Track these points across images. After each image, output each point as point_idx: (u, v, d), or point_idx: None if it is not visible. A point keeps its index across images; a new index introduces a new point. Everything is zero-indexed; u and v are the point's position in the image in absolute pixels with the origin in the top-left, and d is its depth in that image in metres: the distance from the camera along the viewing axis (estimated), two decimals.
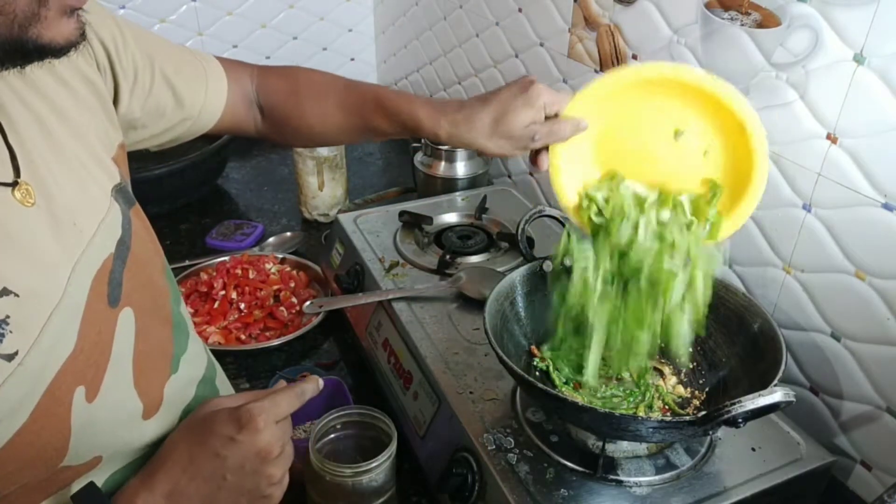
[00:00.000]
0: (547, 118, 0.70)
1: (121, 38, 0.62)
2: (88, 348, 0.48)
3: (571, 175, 0.74)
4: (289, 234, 1.44)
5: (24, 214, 0.46)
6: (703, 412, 0.63)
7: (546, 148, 0.72)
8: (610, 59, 1.06)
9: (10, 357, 0.42)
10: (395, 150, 1.86)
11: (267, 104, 0.78)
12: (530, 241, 1.04)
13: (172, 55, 0.70)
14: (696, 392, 0.81)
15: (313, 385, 0.58)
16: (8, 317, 0.42)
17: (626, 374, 0.80)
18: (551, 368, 0.80)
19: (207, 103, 0.73)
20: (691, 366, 0.83)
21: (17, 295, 0.43)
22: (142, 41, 0.66)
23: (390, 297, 0.99)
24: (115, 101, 0.64)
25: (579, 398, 0.76)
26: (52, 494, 0.49)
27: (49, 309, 0.45)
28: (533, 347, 0.83)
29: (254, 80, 0.79)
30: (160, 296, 0.61)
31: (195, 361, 0.65)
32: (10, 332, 0.42)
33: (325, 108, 0.77)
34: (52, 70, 0.54)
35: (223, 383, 0.69)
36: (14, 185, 0.46)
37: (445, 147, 1.39)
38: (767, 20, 0.80)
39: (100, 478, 0.53)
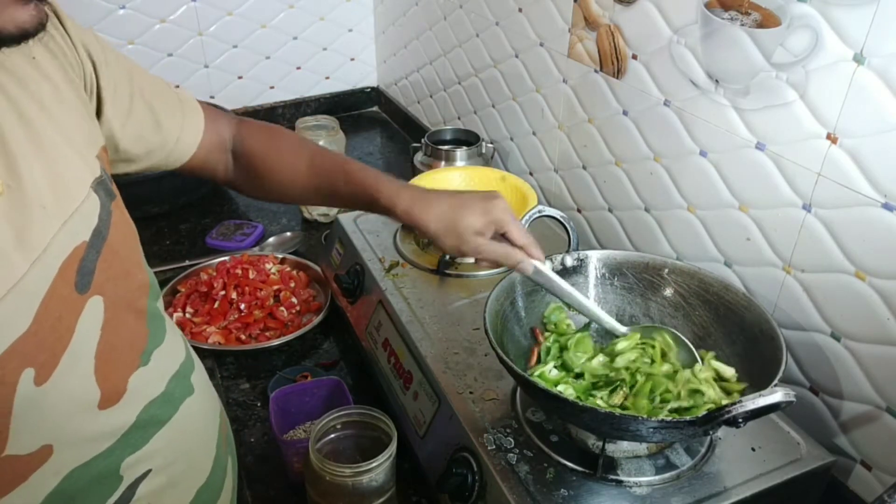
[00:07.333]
0: (501, 235, 0.74)
1: (102, 54, 0.64)
2: (44, 331, 0.48)
3: None
4: (289, 234, 1.44)
5: None
6: (704, 412, 0.63)
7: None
8: (610, 59, 1.06)
9: None
10: (395, 150, 1.86)
11: (245, 152, 0.81)
12: None
13: (150, 81, 0.72)
14: None
15: None
16: None
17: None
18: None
19: (184, 135, 0.75)
20: None
21: None
22: (121, 60, 0.68)
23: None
24: (98, 113, 0.64)
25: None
26: (10, 492, 0.49)
27: (2, 291, 0.46)
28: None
29: (232, 127, 0.81)
30: (136, 289, 0.61)
31: (171, 355, 0.65)
32: None
33: (298, 167, 0.80)
34: (36, 66, 0.54)
35: (200, 380, 0.68)
36: None
37: (445, 147, 1.39)
38: (767, 20, 0.80)
39: (57, 475, 0.52)
